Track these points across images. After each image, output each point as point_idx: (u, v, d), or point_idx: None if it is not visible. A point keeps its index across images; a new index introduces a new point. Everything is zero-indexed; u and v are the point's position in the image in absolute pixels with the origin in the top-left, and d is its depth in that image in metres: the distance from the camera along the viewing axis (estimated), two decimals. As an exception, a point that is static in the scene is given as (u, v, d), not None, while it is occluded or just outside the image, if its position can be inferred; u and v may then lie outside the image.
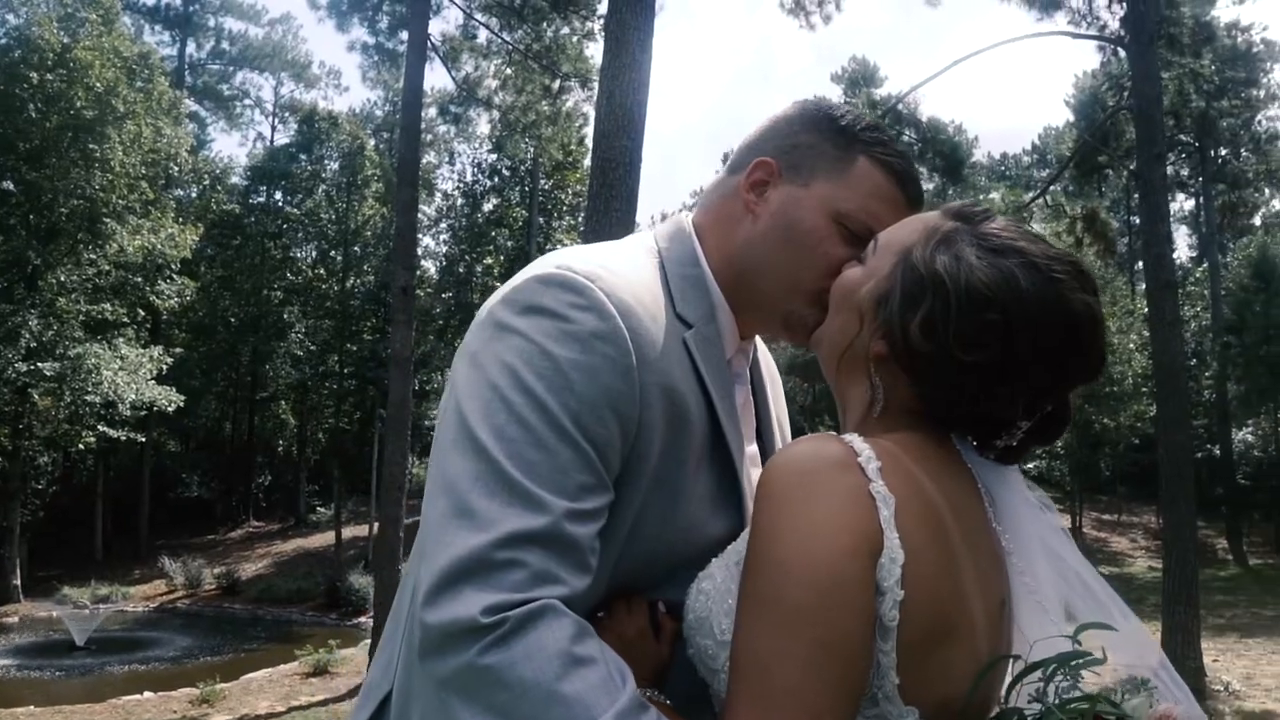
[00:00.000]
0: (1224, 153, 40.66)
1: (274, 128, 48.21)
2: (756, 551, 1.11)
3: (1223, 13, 30.38)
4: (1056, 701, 0.97)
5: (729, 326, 1.46)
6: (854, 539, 1.06)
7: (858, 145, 1.43)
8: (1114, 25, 19.35)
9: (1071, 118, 38.04)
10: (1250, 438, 35.70)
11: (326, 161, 41.56)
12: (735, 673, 1.09)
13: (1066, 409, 1.27)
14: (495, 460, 1.17)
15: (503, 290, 1.33)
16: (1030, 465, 36.07)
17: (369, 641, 17.93)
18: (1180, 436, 13.13)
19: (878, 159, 1.42)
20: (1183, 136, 35.66)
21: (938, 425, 1.25)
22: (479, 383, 1.24)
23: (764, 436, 1.60)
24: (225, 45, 47.15)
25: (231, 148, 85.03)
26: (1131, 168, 19.83)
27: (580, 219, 47.45)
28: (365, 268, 41.20)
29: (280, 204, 41.91)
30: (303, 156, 41.14)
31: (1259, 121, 43.16)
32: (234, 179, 43.95)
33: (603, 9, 22.97)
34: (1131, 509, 38.10)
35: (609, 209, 9.09)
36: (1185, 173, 38.47)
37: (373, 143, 42.89)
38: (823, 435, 1.18)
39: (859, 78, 54.12)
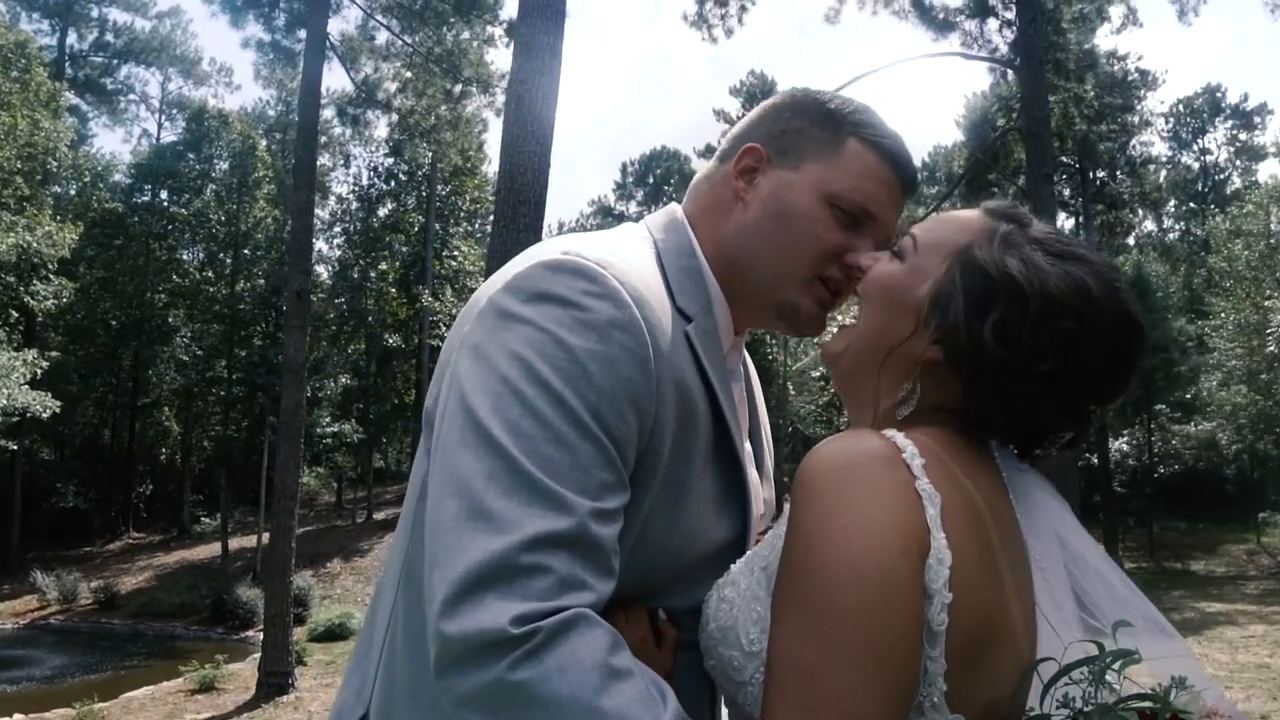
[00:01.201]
0: (1102, 175, 42.51)
1: (161, 125, 46.57)
2: (797, 552, 1.05)
3: (1103, 41, 31.81)
4: (1087, 707, 0.94)
5: (725, 320, 1.40)
6: (903, 538, 1.01)
7: (847, 127, 1.39)
8: (1004, 49, 20.07)
9: (962, 137, 39.26)
10: (1125, 447, 37.21)
11: (216, 161, 40.43)
12: (774, 683, 1.03)
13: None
14: (511, 457, 1.09)
15: (502, 278, 1.25)
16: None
17: (258, 656, 17.35)
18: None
19: (868, 140, 1.38)
20: (1065, 158, 37.12)
21: (971, 425, 1.21)
22: (487, 376, 1.15)
23: (753, 437, 1.54)
24: (109, 37, 45.30)
25: (115, 144, 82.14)
26: (1020, 185, 20.55)
27: (478, 225, 47.19)
28: (256, 271, 40.06)
29: (166, 204, 40.51)
30: (191, 155, 39.90)
31: (1133, 146, 45.33)
32: (117, 176, 42.42)
33: (506, 14, 22.91)
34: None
35: (517, 215, 8.99)
36: (1067, 193, 40.08)
37: (265, 143, 41.80)
38: (860, 430, 1.13)
39: (757, 92, 55.13)
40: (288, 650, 16.21)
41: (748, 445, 1.44)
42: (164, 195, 40.64)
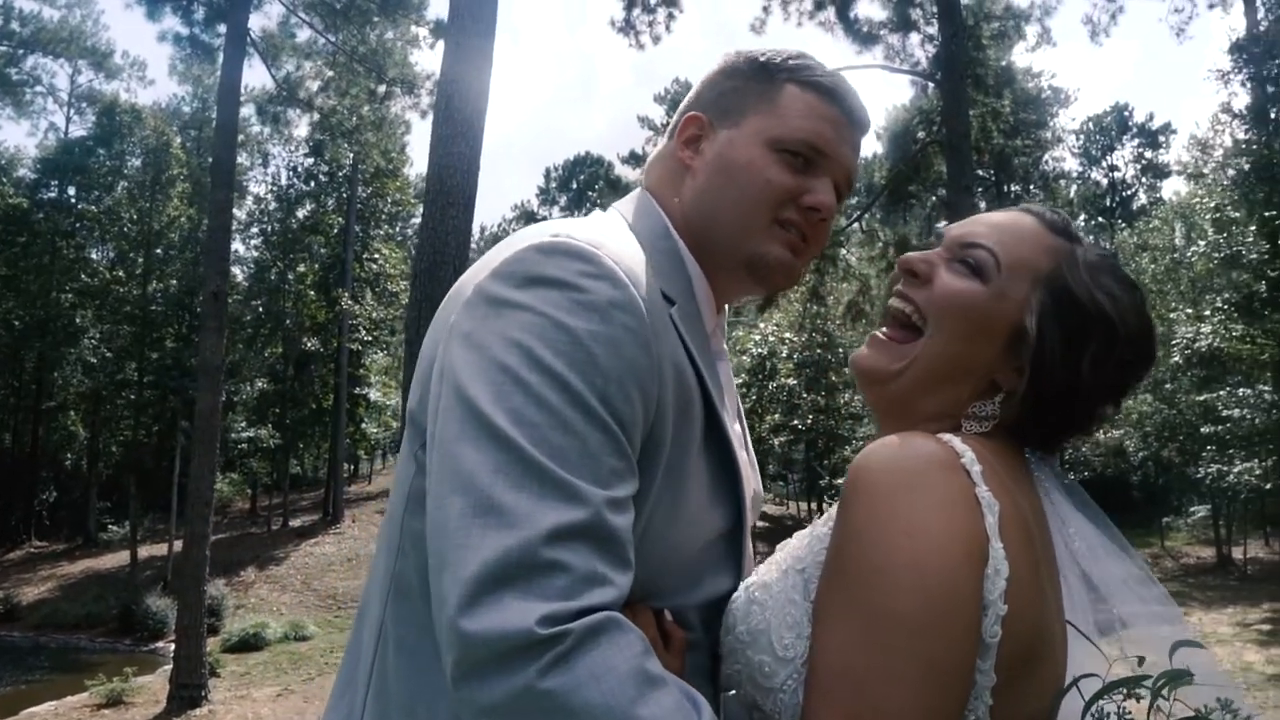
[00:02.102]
0: (1017, 188, 43.69)
1: (69, 118, 44.92)
2: (852, 556, 1.01)
3: (1019, 58, 32.69)
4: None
5: (707, 299, 1.36)
6: (965, 547, 0.98)
7: (782, 74, 1.37)
8: (925, 63, 20.48)
9: (883, 149, 39.98)
10: (1037, 454, 38.22)
11: (128, 157, 39.26)
12: (819, 690, 0.99)
13: None
14: (518, 447, 1.03)
15: (489, 265, 1.19)
16: (840, 481, 37.54)
17: (169, 668, 16.84)
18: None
19: (804, 80, 1.36)
20: (981, 171, 38.05)
21: (1017, 433, 1.19)
22: (484, 365, 1.09)
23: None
24: (14, 25, 43.55)
25: (19, 137, 79.19)
26: (940, 197, 20.97)
27: (399, 228, 46.62)
28: (169, 271, 38.96)
29: (74, 200, 39.21)
30: (101, 151, 38.70)
31: (1046, 161, 46.73)
32: (22, 171, 40.92)
33: (432, 14, 22.70)
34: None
35: (446, 216, 8.87)
36: (984, 205, 41.02)
37: (180, 140, 40.69)
38: (916, 433, 1.09)
39: (682, 99, 55.38)
40: (201, 662, 15.80)
41: (736, 427, 1.41)
42: (72, 191, 39.35)
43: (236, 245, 39.50)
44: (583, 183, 70.67)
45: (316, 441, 42.06)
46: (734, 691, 1.19)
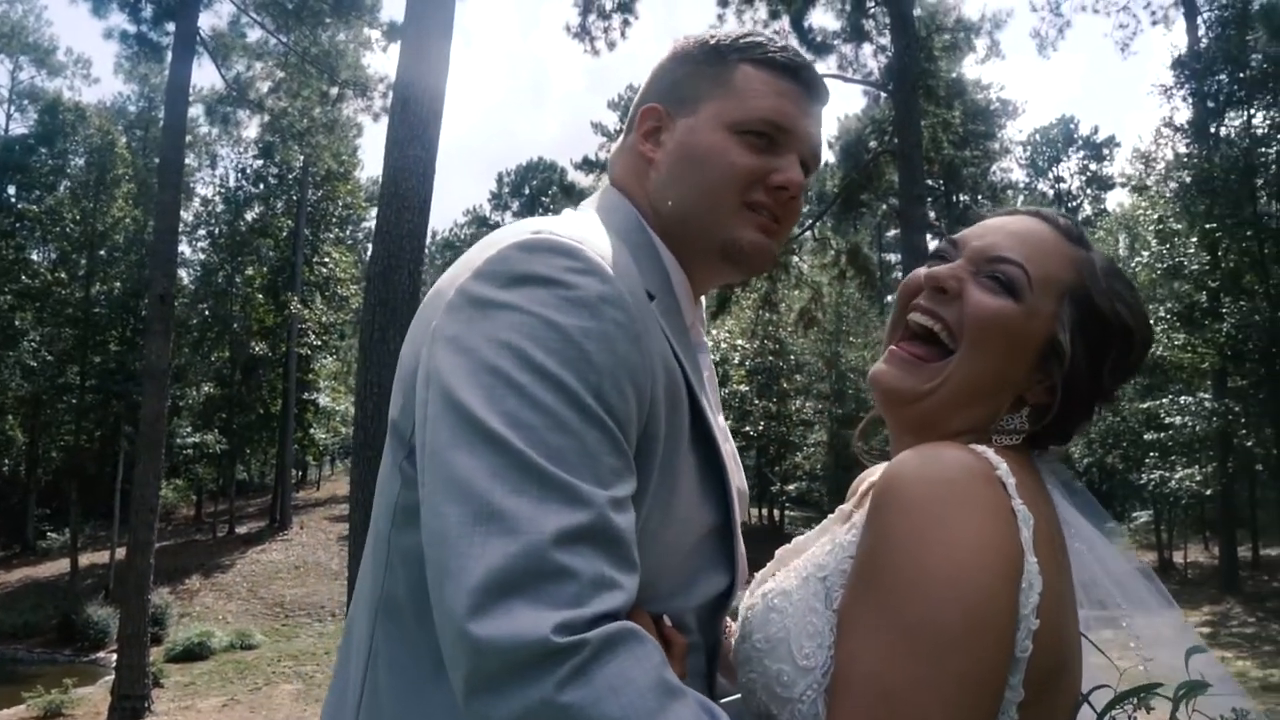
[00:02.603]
0: (966, 198, 44.34)
1: (10, 116, 43.87)
2: (887, 567, 0.99)
3: (969, 70, 33.19)
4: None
5: (685, 291, 1.35)
6: (1003, 560, 0.97)
7: (733, 55, 1.35)
8: (878, 73, 20.72)
9: (835, 158, 40.35)
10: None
11: (71, 156, 38.38)
12: (847, 702, 0.97)
13: None
14: (515, 451, 0.99)
15: (469, 266, 1.16)
16: (791, 487, 37.84)
17: (110, 679, 16.48)
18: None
19: (756, 59, 1.34)
20: (931, 181, 38.57)
21: (1031, 439, 1.20)
22: (474, 368, 1.05)
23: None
24: (-48, 22, 42.63)
25: (-44, 136, 77.12)
26: (892, 205, 21.20)
27: (350, 231, 46.13)
28: (113, 273, 38.17)
29: (14, 200, 38.23)
30: (43, 149, 37.77)
31: (994, 172, 47.49)
32: (-41, 169, 39.77)
33: (385, 16, 22.50)
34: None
35: (401, 219, 8.79)
36: (933, 215, 41.56)
37: (125, 139, 39.91)
38: (949, 444, 1.07)
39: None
40: (144, 672, 15.48)
41: (720, 420, 1.39)
42: (12, 191, 38.35)
43: (183, 247, 38.90)
44: (535, 188, 70.47)
45: (264, 447, 41.49)
46: (729, 698, 1.17)
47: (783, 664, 1.08)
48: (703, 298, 1.45)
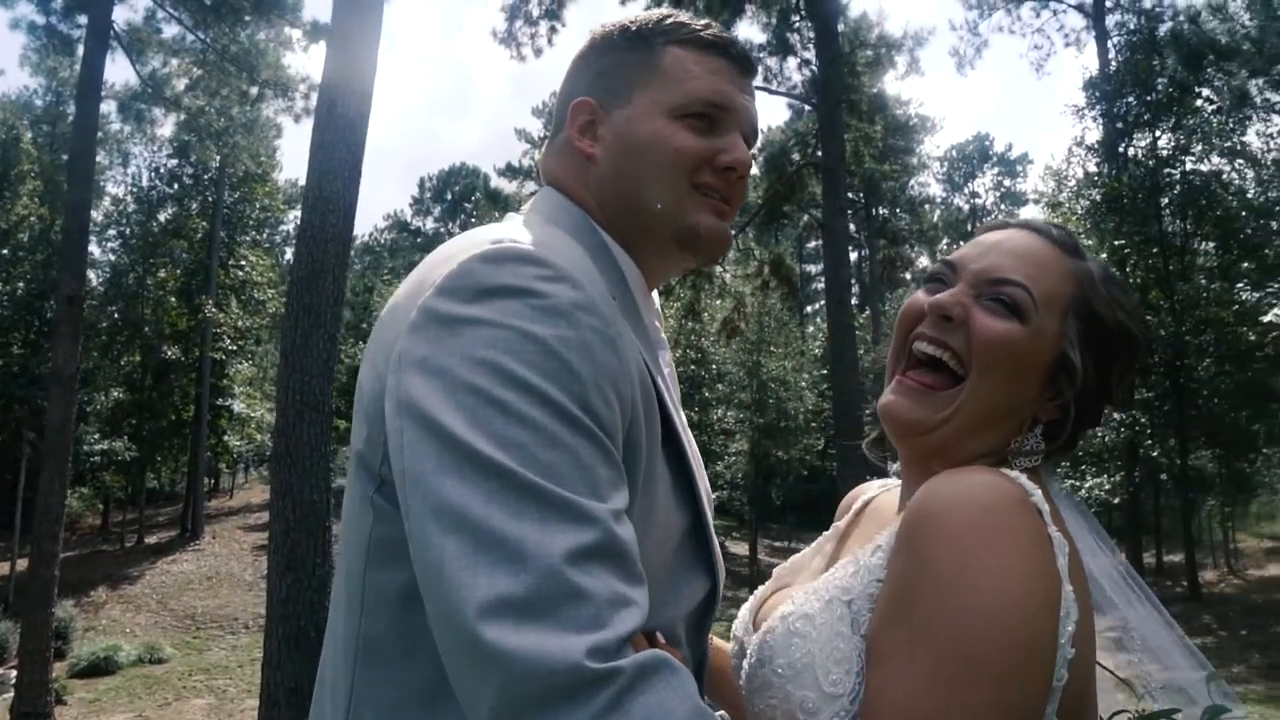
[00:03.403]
0: (885, 211, 45.18)
1: (-95, 108, 42.20)
2: (927, 595, 0.96)
3: (890, 86, 33.89)
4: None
5: (641, 287, 1.31)
6: (1045, 589, 0.95)
7: (659, 39, 1.31)
8: (802, 87, 21.02)
9: (759, 169, 40.82)
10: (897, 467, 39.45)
11: (-28, 151, 36.92)
12: None
13: None
14: (509, 472, 0.94)
15: (427, 283, 1.09)
16: (713, 496, 37.94)
17: (10, 696, 15.83)
18: (856, 469, 14.22)
19: (683, 40, 1.31)
20: (851, 194, 39.24)
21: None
22: (451, 390, 0.99)
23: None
24: None
25: None
26: (814, 217, 21.49)
27: (267, 234, 45.17)
28: (16, 273, 36.77)
29: (-90, 196, 36.68)
30: (-58, 144, 36.31)
31: (912, 186, 48.51)
32: None
33: (308, 15, 22.12)
34: (800, 536, 40.95)
35: (325, 223, 8.62)
36: (853, 227, 42.36)
37: (30, 135, 38.52)
38: (981, 469, 1.05)
39: (561, 114, 55.60)
40: (46, 688, 14.89)
41: (682, 417, 1.34)
42: (-93, 186, 36.81)
43: (93, 248, 37.66)
44: (458, 194, 69.97)
45: (175, 454, 40.32)
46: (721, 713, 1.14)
47: (807, 691, 1.05)
48: (656, 292, 1.41)
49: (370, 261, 62.35)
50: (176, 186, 40.07)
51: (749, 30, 40.71)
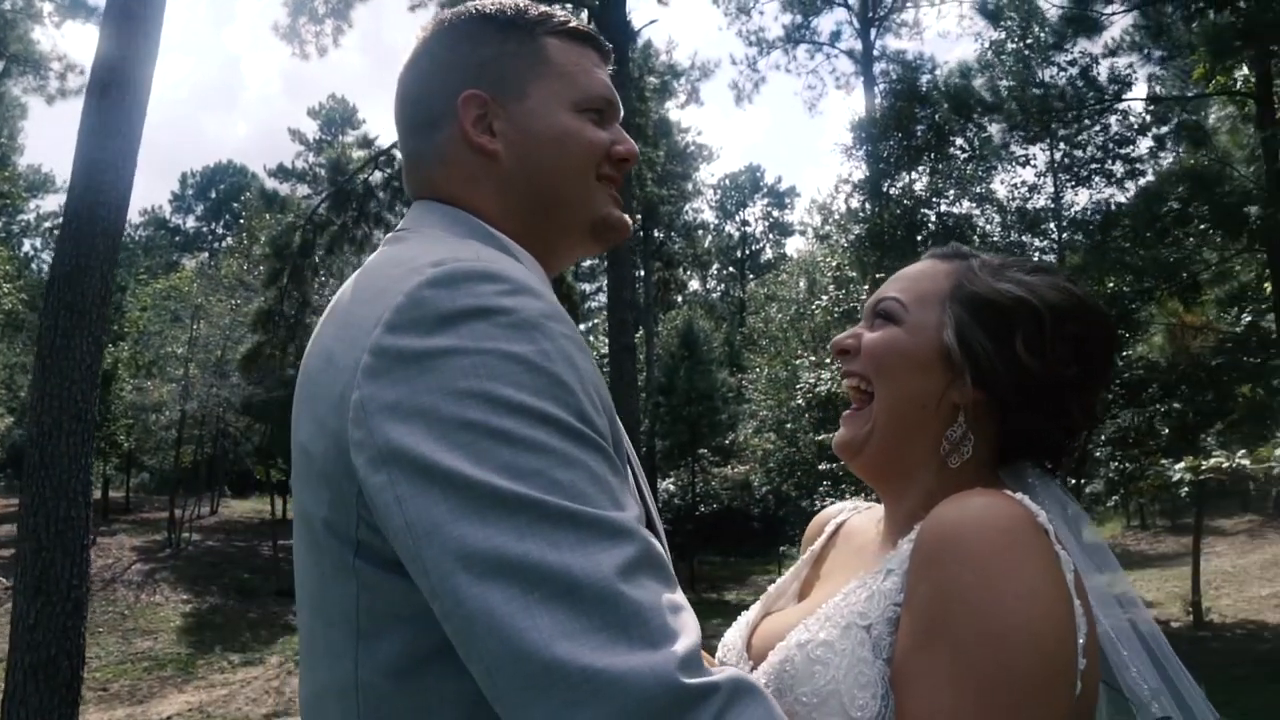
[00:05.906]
0: (660, 234, 46.38)
1: None
2: (960, 620, 0.99)
3: (671, 113, 34.86)
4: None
5: (548, 288, 1.24)
6: (1065, 607, 1.00)
7: (537, 30, 1.28)
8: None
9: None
10: (672, 487, 40.31)
11: None
12: None
13: None
14: (533, 502, 0.89)
15: (367, 320, 1.01)
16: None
17: None
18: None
19: (558, 31, 1.29)
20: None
21: (1014, 457, 1.25)
22: (441, 430, 0.92)
23: None
24: None
25: None
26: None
27: (3, 224, 41.26)
28: None
29: None
30: None
31: (687, 211, 50.07)
32: None
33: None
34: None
35: (95, 216, 7.99)
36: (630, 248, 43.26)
37: None
38: (994, 492, 1.08)
39: (337, 116, 53.88)
40: None
41: None
42: None
43: None
44: (223, 192, 66.37)
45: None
46: None
47: (834, 717, 1.06)
48: None
49: (124, 258, 58.01)
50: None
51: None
